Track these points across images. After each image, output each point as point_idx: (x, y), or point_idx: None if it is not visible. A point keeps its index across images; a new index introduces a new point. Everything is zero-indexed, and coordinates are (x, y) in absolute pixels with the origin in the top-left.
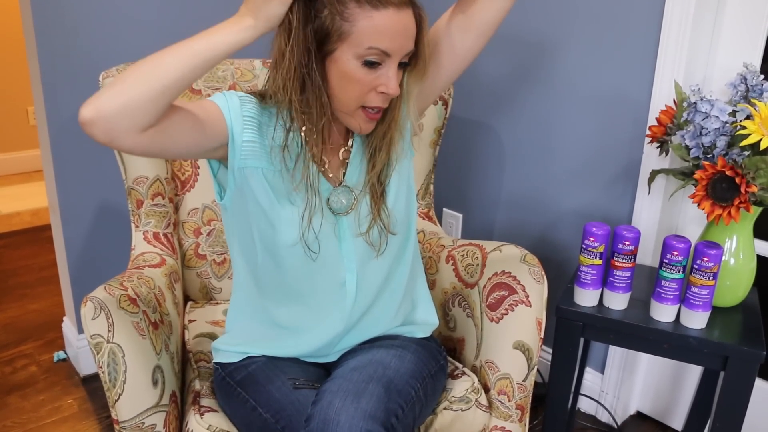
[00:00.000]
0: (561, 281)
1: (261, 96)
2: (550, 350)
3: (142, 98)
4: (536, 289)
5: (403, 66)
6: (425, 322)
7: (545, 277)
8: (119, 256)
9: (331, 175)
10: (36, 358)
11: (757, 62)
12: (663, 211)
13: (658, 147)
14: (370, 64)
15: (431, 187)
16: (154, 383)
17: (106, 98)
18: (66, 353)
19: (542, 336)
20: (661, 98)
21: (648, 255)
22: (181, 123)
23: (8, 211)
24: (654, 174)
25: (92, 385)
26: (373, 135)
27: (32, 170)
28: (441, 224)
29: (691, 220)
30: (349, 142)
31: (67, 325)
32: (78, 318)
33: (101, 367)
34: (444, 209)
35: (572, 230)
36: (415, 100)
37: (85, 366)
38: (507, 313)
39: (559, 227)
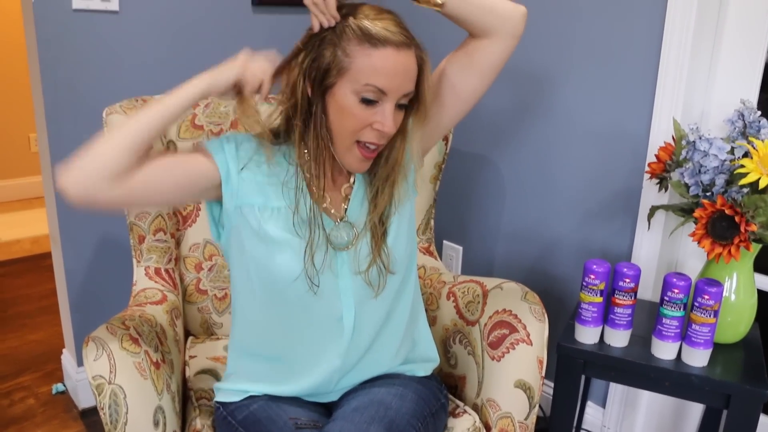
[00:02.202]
0: (561, 315)
1: (260, 136)
2: (552, 384)
3: (106, 152)
4: (537, 327)
5: (403, 107)
6: (426, 360)
7: (546, 315)
8: (120, 288)
9: (333, 211)
10: (34, 390)
11: (754, 92)
12: (663, 246)
13: (657, 183)
14: (367, 101)
15: (432, 222)
16: (156, 424)
17: (74, 164)
18: (65, 385)
19: (543, 374)
20: (660, 133)
21: (648, 289)
22: (160, 173)
23: (8, 238)
24: (653, 210)
25: (91, 418)
26: (376, 177)
27: (33, 197)
28: (441, 256)
29: (691, 254)
30: (351, 179)
31: (67, 358)
32: (78, 350)
33: (102, 409)
34: (444, 242)
35: (572, 264)
36: (419, 142)
37: (84, 399)
38: (508, 352)
39: (559, 261)
